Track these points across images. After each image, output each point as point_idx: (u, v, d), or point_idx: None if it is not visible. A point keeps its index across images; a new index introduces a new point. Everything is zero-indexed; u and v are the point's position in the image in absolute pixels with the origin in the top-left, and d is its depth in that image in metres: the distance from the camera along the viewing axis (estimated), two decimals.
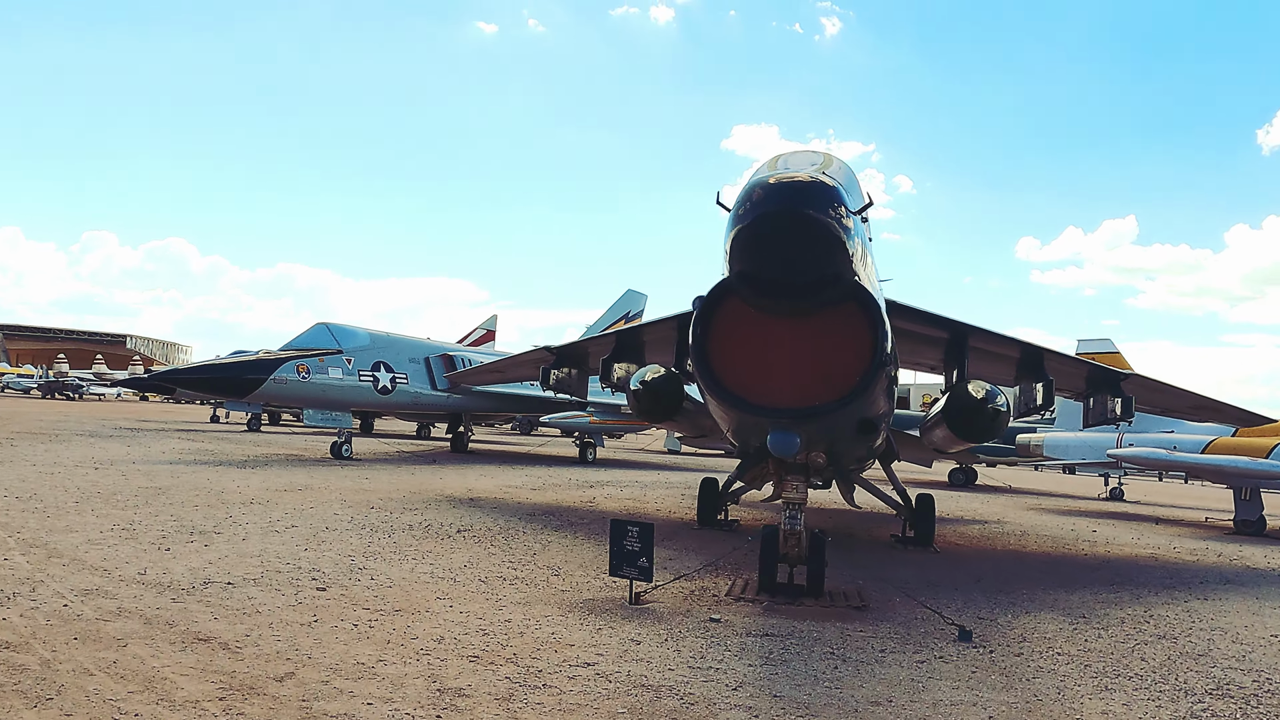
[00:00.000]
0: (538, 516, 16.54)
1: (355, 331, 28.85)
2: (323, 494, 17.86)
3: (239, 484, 18.66)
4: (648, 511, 18.68)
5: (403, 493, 19.08)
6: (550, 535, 14.21)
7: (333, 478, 21.36)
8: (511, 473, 26.80)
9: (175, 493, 16.41)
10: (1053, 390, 13.75)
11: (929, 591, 11.31)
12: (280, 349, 27.22)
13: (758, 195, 7.49)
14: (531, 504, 18.63)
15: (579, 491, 22.09)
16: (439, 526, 14.23)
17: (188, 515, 13.72)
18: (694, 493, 23.47)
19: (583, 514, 17.46)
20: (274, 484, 19.12)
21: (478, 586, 9.95)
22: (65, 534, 11.49)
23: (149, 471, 20.07)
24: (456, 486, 21.26)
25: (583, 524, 15.86)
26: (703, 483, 16.90)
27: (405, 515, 15.32)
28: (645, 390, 13.11)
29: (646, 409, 13.36)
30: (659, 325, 15.26)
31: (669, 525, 16.58)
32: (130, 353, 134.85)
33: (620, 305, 41.31)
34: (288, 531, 12.77)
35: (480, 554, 12.07)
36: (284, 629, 7.66)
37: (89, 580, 8.97)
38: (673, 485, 25.80)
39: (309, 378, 26.76)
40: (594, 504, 19.45)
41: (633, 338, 16.07)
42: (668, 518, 17.88)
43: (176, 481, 18.34)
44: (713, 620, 8.96)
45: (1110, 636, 9.47)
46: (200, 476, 19.67)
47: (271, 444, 33.78)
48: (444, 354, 31.47)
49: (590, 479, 26.08)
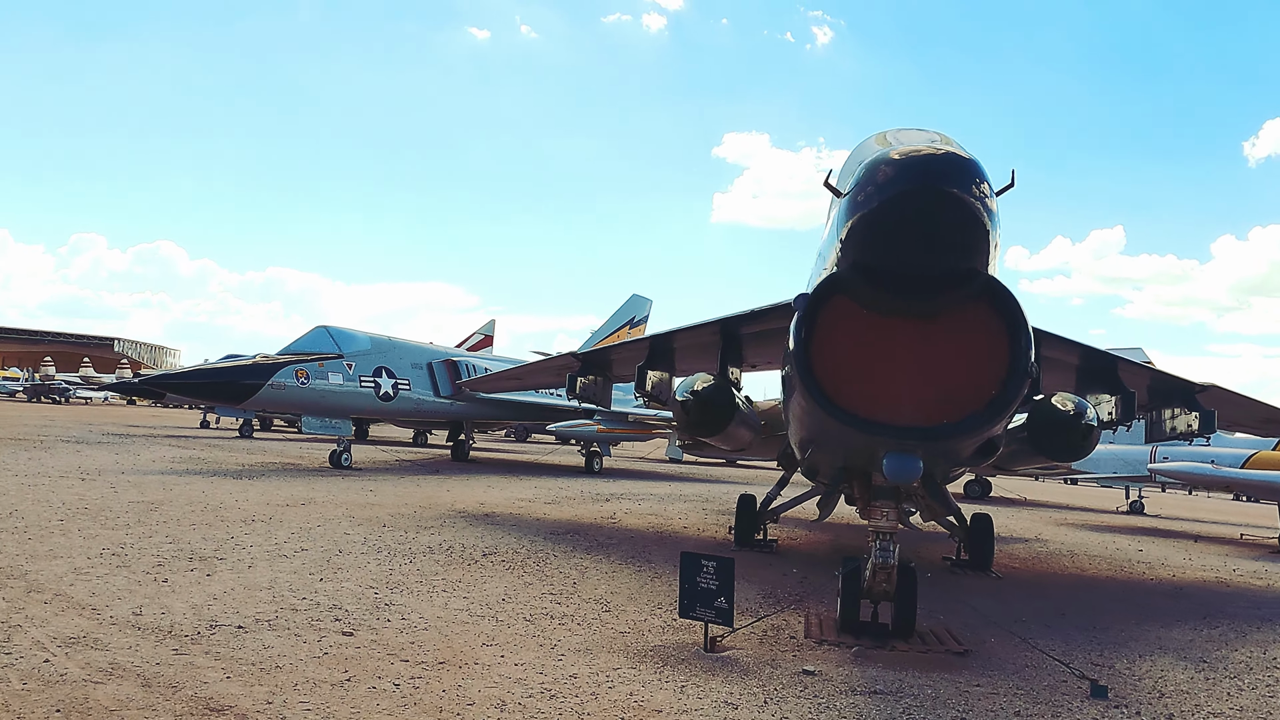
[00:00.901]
0: (562, 536, 15.18)
1: (356, 335, 27.42)
2: (328, 509, 16.46)
3: (237, 498, 17.23)
4: (675, 529, 17.34)
5: (412, 507, 17.70)
6: (584, 560, 12.85)
7: (335, 490, 19.95)
8: (519, 485, 25.41)
9: (169, 509, 14.98)
10: (1134, 404, 12.51)
11: (1019, 628, 10.02)
12: (279, 353, 25.74)
13: (887, 173, 6.19)
14: (551, 521, 17.26)
15: (595, 506, 20.73)
16: (461, 549, 12.85)
17: (184, 536, 12.30)
18: (716, 506, 22.27)
19: (608, 533, 16.11)
20: (274, 498, 17.70)
21: (524, 628, 8.59)
22: (48, 560, 10.07)
23: (139, 483, 18.61)
24: (467, 500, 19.88)
25: (613, 545, 14.51)
26: (740, 500, 15.55)
27: (422, 535, 13.94)
28: (696, 401, 11.76)
29: (696, 421, 12.01)
30: (698, 330, 13.94)
31: (702, 545, 15.24)
32: (118, 356, 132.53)
33: (625, 310, 40.01)
34: (297, 556, 11.37)
35: (515, 584, 10.71)
36: (312, 692, 6.28)
37: (75, 624, 7.57)
38: (690, 498, 24.46)
39: (308, 383, 25.31)
40: (616, 521, 18.10)
41: (667, 343, 14.75)
42: (698, 536, 16.54)
43: (169, 495, 16.90)
44: (806, 673, 7.63)
45: (1252, 691, 8.20)
46: (194, 489, 18.23)
47: (266, 452, 32.27)
48: (447, 359, 30.06)
49: (603, 491, 24.72)
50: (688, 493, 26.33)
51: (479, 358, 32.07)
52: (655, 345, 14.74)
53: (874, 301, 6.78)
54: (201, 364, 34.35)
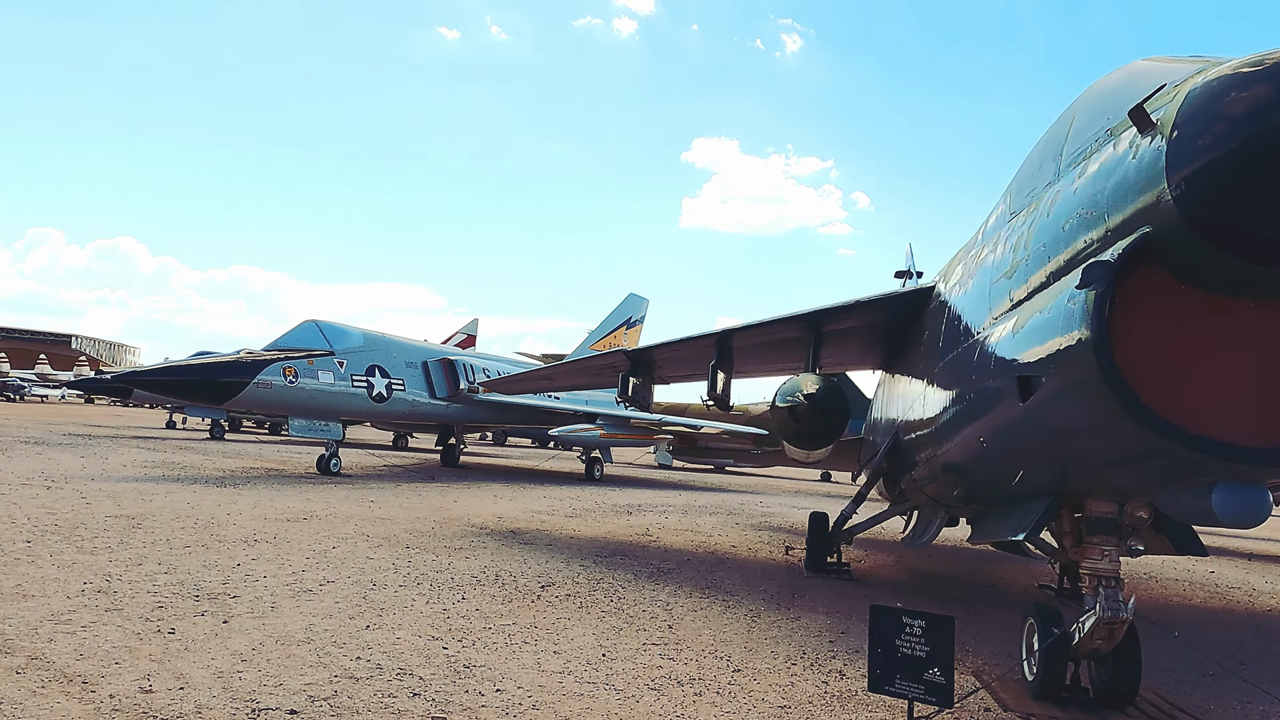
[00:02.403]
0: (610, 559, 13.09)
1: (348, 331, 25.08)
2: (335, 525, 14.23)
3: (228, 511, 14.92)
4: (722, 549, 15.31)
5: (427, 522, 15.51)
6: (655, 591, 10.77)
7: (334, 501, 17.67)
8: (527, 495, 23.23)
9: (154, 524, 12.67)
10: None
11: (1210, 687, 8.16)
12: (265, 348, 23.34)
13: (1246, 102, 4.28)
14: (586, 540, 15.15)
15: (621, 521, 18.64)
16: (512, 579, 10.72)
17: (181, 563, 10.04)
18: (747, 521, 20.20)
19: (657, 555, 14.04)
20: (270, 510, 15.41)
21: (655, 701, 6.50)
22: (16, 601, 7.80)
23: (114, 492, 16.20)
24: (482, 513, 17.70)
25: (673, 571, 12.44)
26: (812, 519, 13.50)
27: (456, 560, 11.78)
28: (811, 406, 9.78)
29: (808, 431, 10.04)
30: (780, 325, 11.94)
31: (768, 570, 13.26)
32: (76, 353, 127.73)
33: (622, 310, 37.91)
34: (325, 591, 9.18)
35: (603, 629, 8.60)
36: None
37: (60, 712, 5.37)
38: (713, 510, 22.43)
39: (296, 382, 22.96)
40: (654, 539, 16.02)
41: (740, 340, 12.74)
42: (754, 558, 14.53)
43: (151, 507, 14.56)
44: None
45: None
46: (178, 499, 15.87)
47: (243, 455, 29.73)
48: (444, 359, 27.78)
49: (618, 502, 22.62)
50: (705, 503, 24.32)
51: (476, 357, 29.81)
52: (724, 342, 12.73)
53: (1213, 274, 4.80)
54: (164, 362, 31.56)
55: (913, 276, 20.03)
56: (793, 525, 20.37)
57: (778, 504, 26.69)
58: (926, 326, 9.51)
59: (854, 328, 11.61)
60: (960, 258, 9.24)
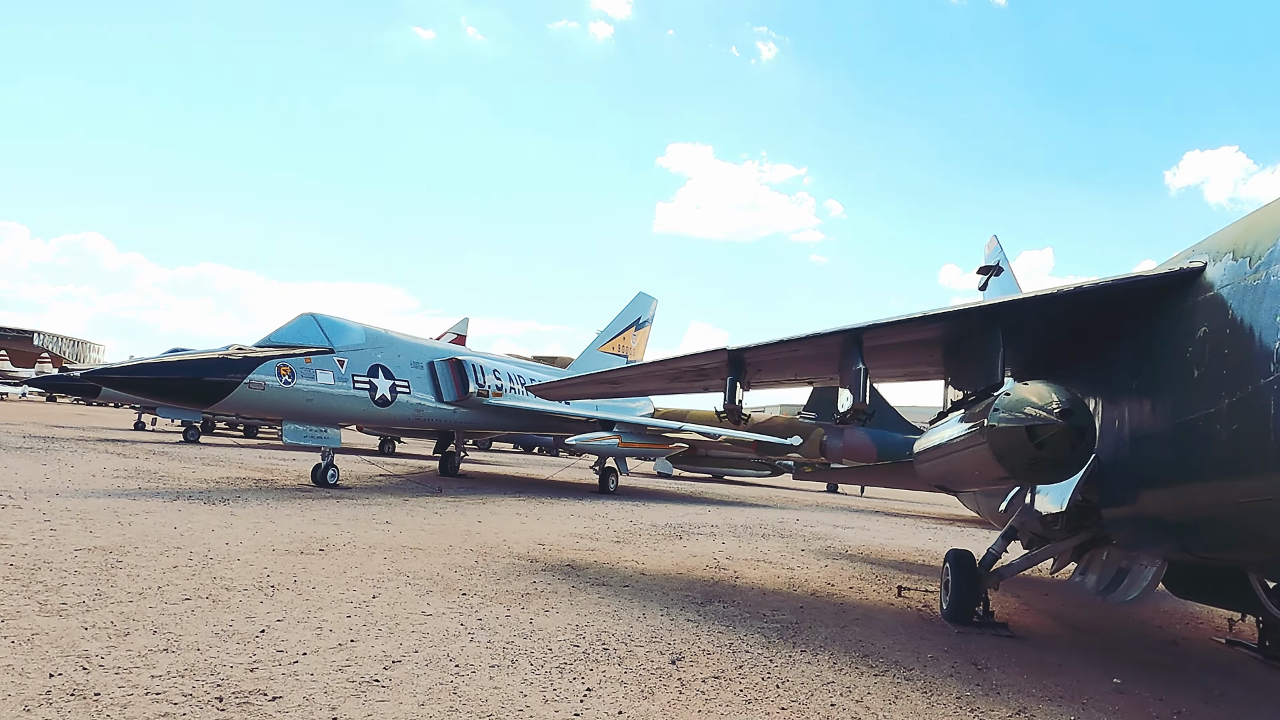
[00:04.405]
0: (705, 606, 10.38)
1: (349, 327, 22.13)
2: (360, 559, 11.42)
3: (225, 539, 12.05)
4: (819, 590, 12.67)
5: (465, 553, 12.74)
6: (807, 662, 8.08)
7: (345, 523, 14.83)
8: (551, 512, 20.46)
9: (139, 562, 9.79)
10: None
11: None
12: (257, 344, 20.34)
13: None
14: (658, 577, 12.44)
15: (677, 547, 15.93)
16: (623, 646, 7.98)
17: (185, 630, 7.21)
18: (816, 546, 17.41)
19: (750, 597, 11.37)
20: (275, 538, 12.56)
21: None
22: None
23: (84, 513, 13.24)
24: (519, 539, 14.94)
25: (801, 627, 9.77)
26: (954, 558, 10.80)
27: (537, 616, 9.03)
28: (1067, 429, 7.17)
29: (1053, 460, 7.43)
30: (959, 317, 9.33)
31: (897, 623, 10.66)
32: (38, 350, 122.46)
33: (630, 310, 35.17)
34: (396, 682, 6.38)
35: None
36: None
37: None
38: (759, 529, 19.80)
39: (293, 383, 20.02)
40: (731, 573, 13.34)
41: (874, 338, 10.11)
42: (866, 602, 11.88)
43: (131, 534, 11.65)
44: None
45: None
46: (162, 523, 12.96)
47: (224, 462, 26.64)
48: (451, 359, 24.90)
49: (654, 521, 19.92)
50: (741, 521, 21.68)
51: (483, 357, 26.95)
52: (851, 340, 10.06)
53: None
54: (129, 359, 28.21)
55: (999, 272, 17.58)
56: (862, 551, 17.80)
57: (815, 520, 24.13)
58: (1200, 320, 6.96)
59: (1051, 322, 9.06)
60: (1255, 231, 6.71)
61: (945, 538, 22.37)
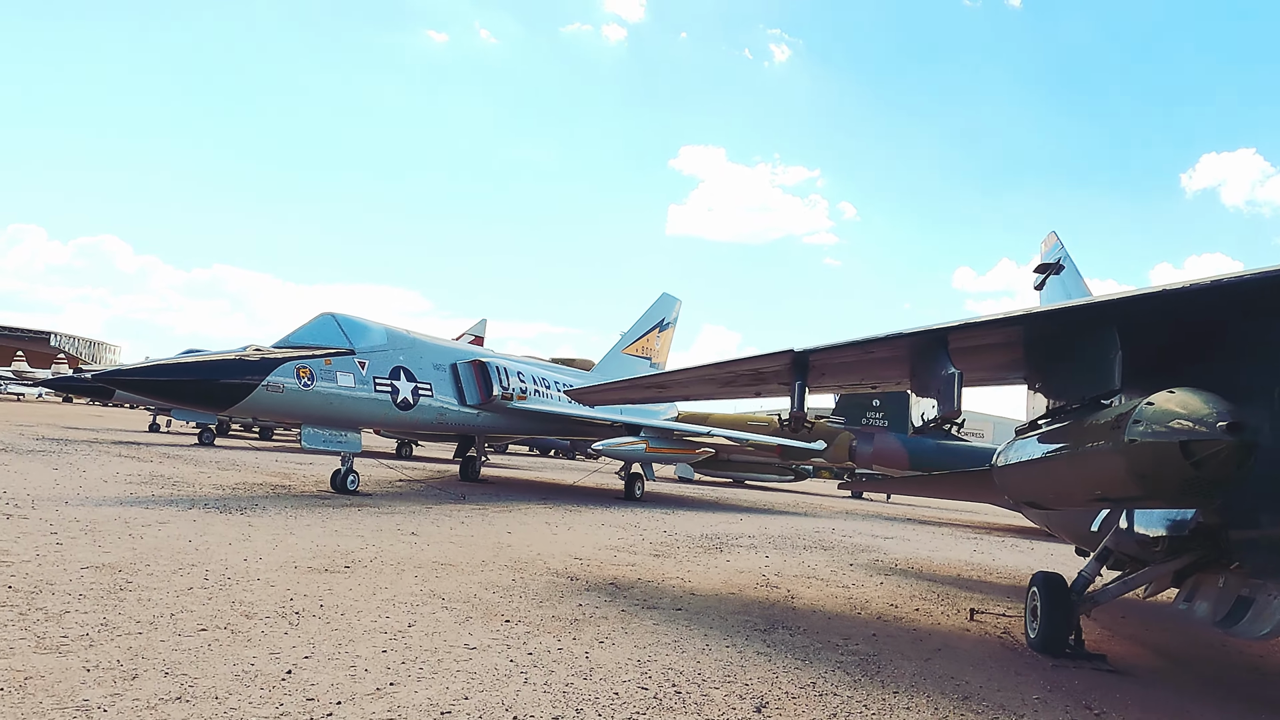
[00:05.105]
0: (769, 633, 9.39)
1: (370, 327, 21.21)
2: (389, 577, 10.47)
3: (243, 554, 11.12)
4: (884, 611, 11.65)
5: (499, 569, 11.78)
6: (902, 709, 7.10)
7: (369, 535, 13.89)
8: (578, 521, 19.47)
9: (149, 582, 8.85)
10: None
11: None
12: (275, 345, 19.44)
13: None
14: (709, 597, 11.45)
15: (720, 561, 14.93)
16: (695, 689, 6.97)
17: (201, 671, 6.24)
18: (864, 560, 16.29)
19: (814, 623, 10.37)
20: (296, 552, 11.62)
21: None
22: None
23: (93, 524, 12.33)
24: (553, 552, 13.97)
25: (874, 659, 8.76)
26: (1041, 582, 9.68)
27: (592, 647, 8.05)
28: (1237, 445, 6.15)
29: (1212, 481, 6.39)
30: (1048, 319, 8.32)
31: (983, 652, 9.64)
32: (54, 351, 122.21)
33: (654, 311, 34.16)
34: None
35: None
36: None
37: None
38: (798, 541, 18.78)
39: (312, 385, 19.09)
40: (784, 592, 12.34)
41: (941, 342, 9.10)
42: (941, 628, 10.83)
43: (142, 549, 10.72)
44: None
45: None
46: (175, 535, 12.04)
47: (239, 465, 25.75)
48: (475, 360, 23.96)
49: (689, 531, 18.92)
50: (776, 531, 20.65)
51: (508, 359, 26.00)
52: (936, 342, 9.05)
53: None
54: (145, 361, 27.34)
55: (1059, 270, 16.51)
56: (912, 565, 16.75)
57: (851, 530, 23.09)
58: None
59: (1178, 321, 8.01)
60: None
61: (990, 549, 21.31)
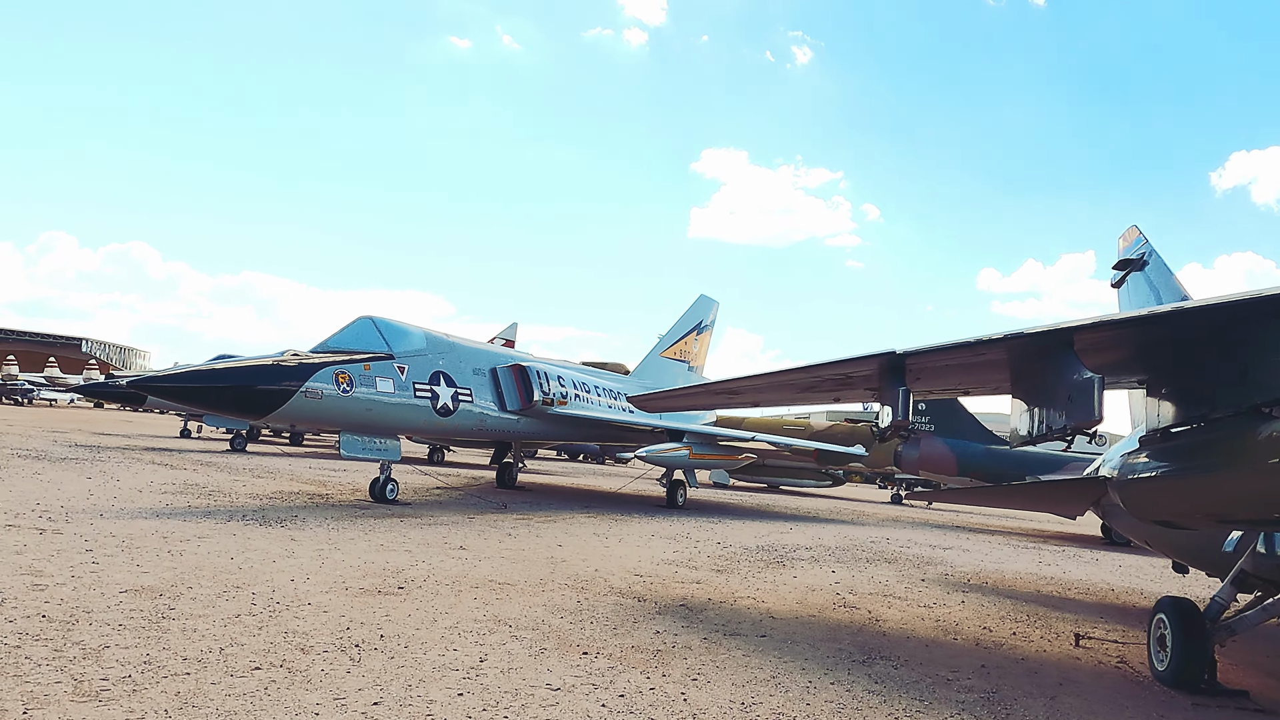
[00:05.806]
0: (870, 665, 8.48)
1: (409, 331, 20.47)
2: (447, 600, 9.63)
3: (289, 573, 10.32)
4: (980, 636, 10.69)
5: (560, 589, 10.92)
6: None
7: (418, 550, 13.10)
8: (627, 532, 18.60)
9: (194, 609, 8.05)
10: None
11: None
12: (313, 349, 18.72)
13: None
14: (789, 620, 10.54)
15: (786, 577, 14.01)
16: None
17: None
18: (934, 574, 15.28)
19: (912, 651, 9.43)
20: (345, 571, 10.82)
21: None
22: None
23: (129, 540, 11.59)
24: (611, 568, 13.10)
25: (994, 697, 7.82)
26: (1170, 608, 8.65)
27: (687, 687, 7.16)
28: None
29: None
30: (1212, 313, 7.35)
31: (1109, 686, 8.67)
32: (86, 356, 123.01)
33: (692, 314, 33.28)
34: None
35: None
36: None
37: None
38: (860, 554, 17.80)
39: (351, 391, 18.34)
40: (864, 612, 11.40)
41: (1067, 343, 8.12)
42: (1048, 656, 9.84)
43: (183, 568, 9.95)
44: None
45: None
46: (217, 552, 11.27)
47: (274, 473, 25.10)
48: (514, 364, 23.16)
49: (744, 543, 18.00)
50: (831, 542, 19.69)
51: (547, 364, 25.19)
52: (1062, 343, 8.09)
53: None
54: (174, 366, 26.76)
55: (1142, 265, 15.43)
56: (983, 579, 15.73)
57: (906, 539, 22.06)
58: None
59: None
60: None
61: (1053, 559, 20.24)
